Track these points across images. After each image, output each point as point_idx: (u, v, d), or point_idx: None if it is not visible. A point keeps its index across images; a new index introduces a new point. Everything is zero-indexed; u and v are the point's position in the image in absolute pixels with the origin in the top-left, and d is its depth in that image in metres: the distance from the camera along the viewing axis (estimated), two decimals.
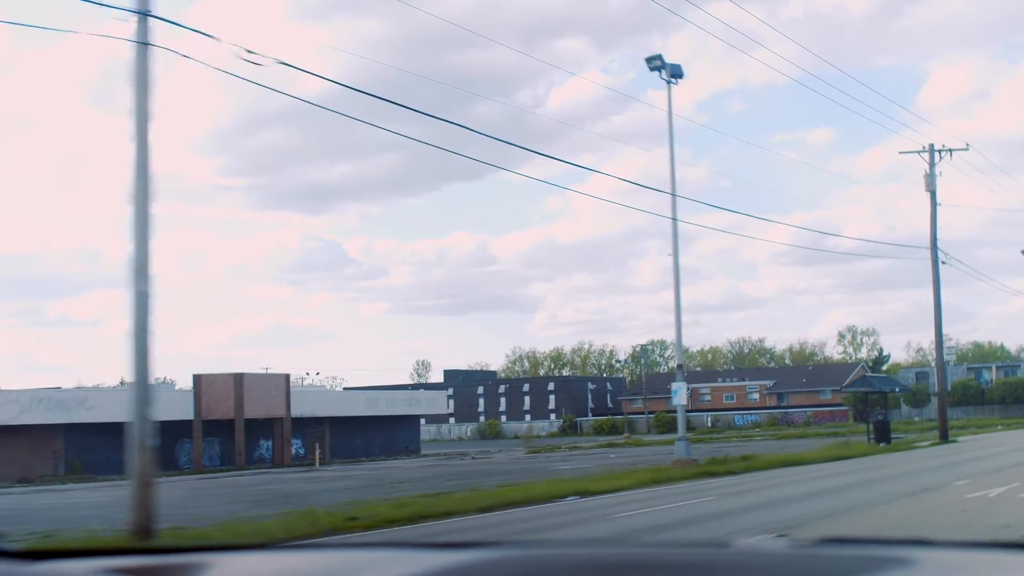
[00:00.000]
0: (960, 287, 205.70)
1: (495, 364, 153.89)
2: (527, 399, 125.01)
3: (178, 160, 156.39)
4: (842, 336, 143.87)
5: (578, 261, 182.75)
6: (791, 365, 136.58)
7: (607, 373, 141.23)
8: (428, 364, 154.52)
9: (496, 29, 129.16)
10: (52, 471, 55.59)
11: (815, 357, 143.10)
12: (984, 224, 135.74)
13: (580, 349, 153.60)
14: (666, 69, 36.06)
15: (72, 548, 2.59)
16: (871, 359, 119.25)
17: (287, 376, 68.11)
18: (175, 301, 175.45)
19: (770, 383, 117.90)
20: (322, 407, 70.11)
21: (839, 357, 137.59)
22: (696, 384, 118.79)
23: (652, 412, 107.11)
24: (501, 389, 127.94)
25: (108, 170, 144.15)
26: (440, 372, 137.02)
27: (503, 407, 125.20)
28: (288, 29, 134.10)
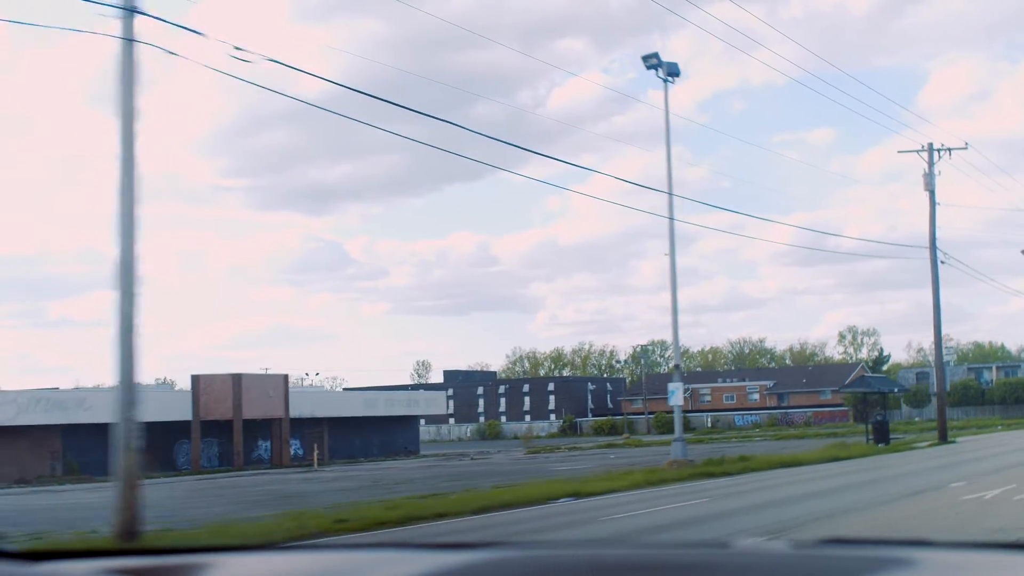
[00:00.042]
0: (961, 287, 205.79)
1: (495, 365, 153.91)
2: (527, 399, 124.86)
3: (179, 160, 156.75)
4: (842, 336, 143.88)
5: (579, 261, 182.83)
6: (791, 365, 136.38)
7: (607, 374, 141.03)
8: (428, 365, 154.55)
9: (496, 29, 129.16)
10: (50, 472, 55.50)
11: (815, 357, 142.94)
12: (984, 224, 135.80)
13: (580, 349, 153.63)
14: (663, 67, 35.90)
15: (72, 549, 2.58)
16: (871, 359, 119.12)
17: (285, 376, 68.04)
18: (176, 302, 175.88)
19: (770, 383, 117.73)
20: (321, 408, 69.96)
21: (839, 357, 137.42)
22: (696, 384, 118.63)
23: (652, 413, 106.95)
24: (501, 390, 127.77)
25: (109, 170, 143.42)
26: (440, 373, 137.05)
27: (503, 408, 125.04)
28: (289, 30, 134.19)
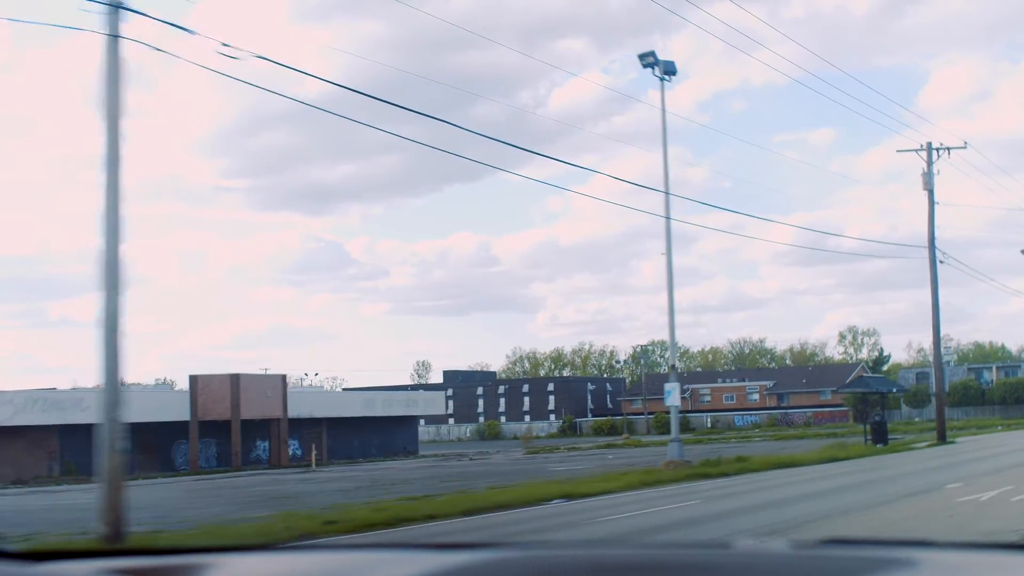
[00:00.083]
0: (961, 287, 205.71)
1: (496, 365, 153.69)
2: (526, 400, 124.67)
3: (180, 161, 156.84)
4: (843, 336, 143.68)
5: (579, 262, 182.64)
6: (791, 365, 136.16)
7: (607, 374, 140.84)
8: (428, 365, 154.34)
9: (497, 30, 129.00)
10: (47, 472, 55.39)
11: (816, 357, 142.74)
12: (985, 224, 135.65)
13: (581, 350, 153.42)
14: (659, 66, 35.77)
15: (73, 549, 2.51)
16: (871, 360, 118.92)
17: (283, 377, 67.88)
18: (176, 302, 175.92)
19: (770, 383, 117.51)
20: (319, 408, 69.80)
21: (840, 357, 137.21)
22: (696, 384, 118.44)
23: (652, 413, 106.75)
24: (500, 390, 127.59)
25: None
26: (440, 373, 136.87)
27: (502, 408, 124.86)
28: (289, 30, 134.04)
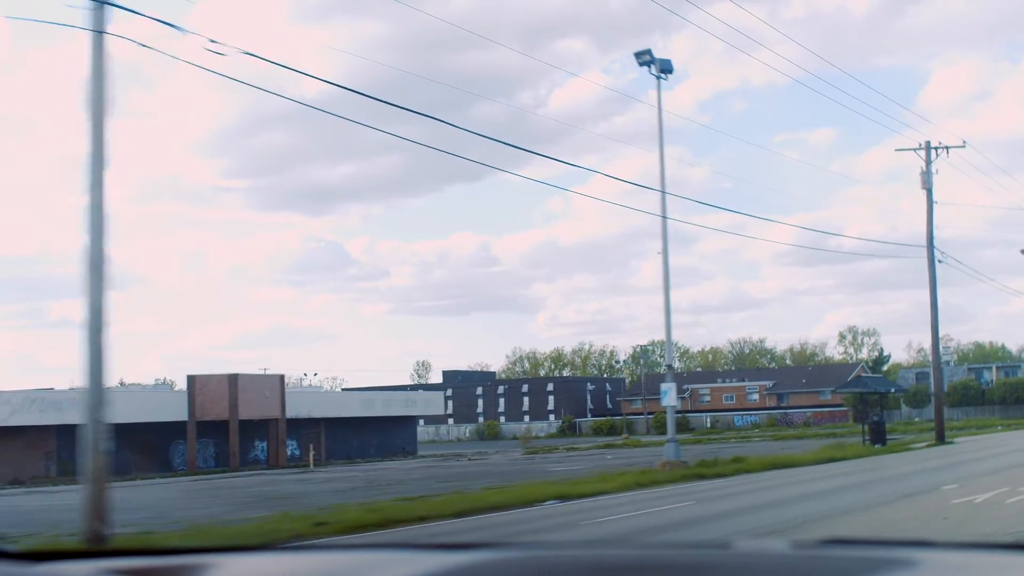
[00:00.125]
0: (961, 287, 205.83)
1: (495, 365, 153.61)
2: (526, 400, 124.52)
3: (180, 161, 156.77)
4: (843, 336, 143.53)
5: (579, 262, 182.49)
6: (791, 365, 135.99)
7: (607, 374, 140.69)
8: (428, 365, 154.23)
9: (497, 30, 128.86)
10: (44, 472, 55.33)
11: (816, 357, 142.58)
12: (985, 224, 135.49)
13: (581, 350, 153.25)
14: (655, 64, 35.65)
15: (72, 549, 2.40)
16: (871, 360, 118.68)
17: (282, 377, 67.76)
18: (176, 302, 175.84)
19: (770, 384, 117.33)
20: (318, 408, 69.66)
21: (840, 357, 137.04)
22: (695, 384, 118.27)
23: (651, 413, 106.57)
24: (500, 390, 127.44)
25: (109, 170, 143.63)
26: (440, 373, 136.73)
27: (502, 408, 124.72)
28: (289, 30, 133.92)
